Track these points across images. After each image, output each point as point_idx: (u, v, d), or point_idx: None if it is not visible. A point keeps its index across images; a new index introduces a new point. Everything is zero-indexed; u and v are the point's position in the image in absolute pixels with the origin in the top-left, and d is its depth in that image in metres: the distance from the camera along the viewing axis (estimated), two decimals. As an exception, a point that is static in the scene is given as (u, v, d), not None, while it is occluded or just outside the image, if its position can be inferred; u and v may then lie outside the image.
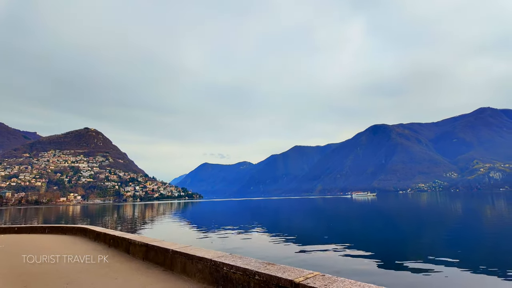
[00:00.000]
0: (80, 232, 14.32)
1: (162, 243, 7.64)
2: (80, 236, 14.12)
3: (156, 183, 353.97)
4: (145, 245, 7.95)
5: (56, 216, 71.61)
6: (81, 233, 14.18)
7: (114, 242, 10.29)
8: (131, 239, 8.94)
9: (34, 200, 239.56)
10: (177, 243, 7.56)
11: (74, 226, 15.30)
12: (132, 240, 8.90)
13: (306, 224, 38.11)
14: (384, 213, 53.00)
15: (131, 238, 9.13)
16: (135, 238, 9.11)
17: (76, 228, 14.89)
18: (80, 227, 14.50)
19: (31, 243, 13.06)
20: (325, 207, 78.35)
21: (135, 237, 9.44)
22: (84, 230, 13.99)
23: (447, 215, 43.91)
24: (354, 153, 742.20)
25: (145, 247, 7.97)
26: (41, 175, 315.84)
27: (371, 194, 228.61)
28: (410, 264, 14.15)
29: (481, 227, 28.71)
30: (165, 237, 27.17)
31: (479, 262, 14.39)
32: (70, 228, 15.59)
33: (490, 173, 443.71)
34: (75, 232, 14.80)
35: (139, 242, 8.38)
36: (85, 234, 13.71)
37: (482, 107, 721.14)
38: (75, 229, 14.92)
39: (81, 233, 14.18)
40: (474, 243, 20.44)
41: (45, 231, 16.74)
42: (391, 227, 31.69)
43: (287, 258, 15.86)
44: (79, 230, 14.46)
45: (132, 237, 9.30)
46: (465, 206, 64.96)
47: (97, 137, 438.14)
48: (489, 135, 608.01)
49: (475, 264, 14.09)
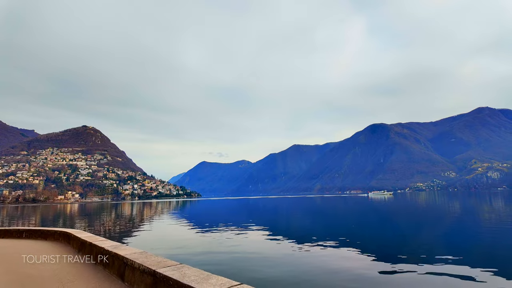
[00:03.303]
0: (63, 238, 12.28)
1: (183, 271, 4.81)
2: (62, 243, 12.05)
3: (154, 181, 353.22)
4: (152, 274, 5.07)
5: (54, 214, 71.21)
6: (64, 239, 12.13)
7: (104, 258, 7.52)
8: (129, 259, 5.95)
9: (31, 198, 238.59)
10: (210, 273, 4.69)
11: (57, 230, 13.29)
12: (129, 260, 5.91)
13: (333, 226, 37.90)
14: (404, 213, 52.81)
15: (129, 257, 6.05)
16: (134, 257, 6.00)
17: (59, 232, 12.84)
18: (63, 231, 12.43)
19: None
20: (345, 207, 74.04)
21: (135, 255, 6.24)
22: (67, 235, 11.84)
23: (464, 215, 43.91)
24: (352, 152, 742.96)
25: (152, 278, 5.07)
26: (38, 173, 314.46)
27: (388, 193, 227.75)
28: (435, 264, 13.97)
29: (481, 226, 28.67)
30: (164, 237, 26.95)
31: (478, 260, 14.31)
32: (51, 233, 13.52)
33: (488, 172, 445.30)
34: (57, 237, 12.84)
35: (141, 266, 5.47)
36: (69, 241, 11.55)
37: (480, 107, 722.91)
38: (58, 234, 12.92)
39: (64, 239, 12.13)
40: (473, 242, 20.35)
41: (22, 236, 14.60)
42: (414, 227, 31.57)
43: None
44: (62, 235, 12.43)
45: (129, 255, 6.24)
46: (470, 205, 65.12)
47: (95, 135, 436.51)
48: (487, 134, 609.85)
49: (473, 261, 14.02)
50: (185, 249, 19.65)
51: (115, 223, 42.65)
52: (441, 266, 13.68)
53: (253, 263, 15.31)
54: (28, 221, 49.32)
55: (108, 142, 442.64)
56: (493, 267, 13.26)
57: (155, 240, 24.21)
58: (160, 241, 23.46)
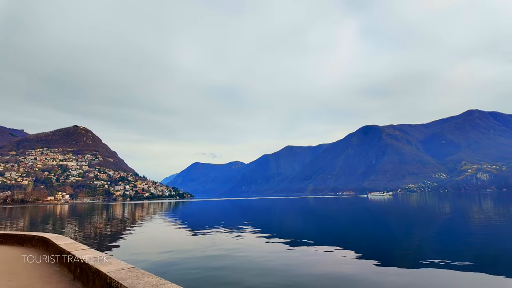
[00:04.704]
0: (42, 244, 11.10)
1: None
2: (40, 250, 10.87)
3: (146, 182, 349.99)
4: None
5: (43, 215, 69.80)
6: (43, 246, 10.97)
7: (83, 274, 6.10)
8: (113, 279, 4.50)
9: (20, 199, 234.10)
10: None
11: (35, 235, 12.05)
12: (114, 281, 4.46)
13: (335, 227, 37.72)
14: (404, 213, 53.09)
15: (114, 276, 4.63)
16: (121, 276, 4.62)
17: (37, 238, 11.68)
18: (41, 237, 11.22)
19: None
20: (345, 208, 73.63)
21: (122, 272, 4.84)
22: (45, 242, 10.64)
23: (456, 216, 44.27)
24: (345, 154, 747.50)
25: None
26: (28, 173, 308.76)
27: (387, 193, 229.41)
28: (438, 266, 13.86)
29: (470, 227, 28.89)
30: (155, 237, 26.44)
31: (465, 259, 14.31)
32: (29, 238, 12.33)
33: (478, 174, 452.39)
34: (35, 243, 11.73)
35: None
36: (47, 248, 10.31)
37: (471, 110, 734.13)
38: (36, 240, 11.76)
39: (43, 246, 10.97)
40: (463, 242, 20.42)
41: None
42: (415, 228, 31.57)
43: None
44: (41, 241, 11.27)
45: (115, 272, 4.84)
46: (460, 206, 65.90)
47: (86, 135, 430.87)
48: (477, 137, 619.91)
49: (460, 260, 14.00)
50: (176, 252, 19.23)
51: (106, 225, 41.87)
52: (434, 265, 13.64)
53: (247, 267, 15.02)
54: (16, 223, 48.13)
55: (100, 142, 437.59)
56: (483, 266, 13.29)
57: (146, 243, 23.72)
58: (151, 244, 22.98)
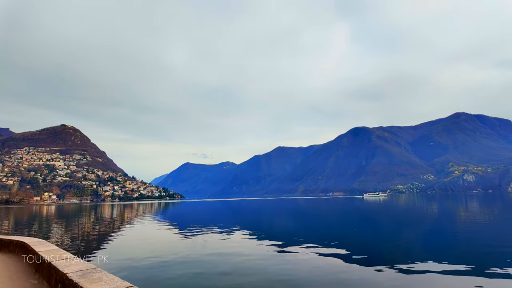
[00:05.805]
0: (20, 250, 10.00)
1: None
2: (18, 257, 9.77)
3: (136, 182, 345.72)
4: None
5: (28, 216, 68.14)
6: (22, 252, 9.83)
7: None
8: None
9: (4, 200, 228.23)
10: None
11: (13, 239, 10.96)
12: None
13: (341, 231, 37.71)
14: (403, 213, 53.65)
15: None
16: None
17: (15, 242, 10.59)
18: (20, 242, 10.12)
19: None
20: (344, 209, 72.92)
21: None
22: (24, 247, 9.52)
23: (443, 216, 44.94)
24: (335, 155, 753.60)
25: None
26: (13, 173, 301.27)
27: (382, 194, 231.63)
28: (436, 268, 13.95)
29: (457, 226, 29.42)
30: (145, 239, 26.05)
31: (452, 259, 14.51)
32: (6, 243, 11.19)
33: (464, 175, 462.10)
34: (13, 249, 10.70)
35: None
36: (27, 254, 9.14)
37: (458, 112, 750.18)
38: (14, 245, 10.70)
39: (22, 252, 9.83)
40: (451, 240, 20.74)
41: None
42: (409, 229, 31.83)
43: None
44: (19, 247, 10.19)
45: None
46: (448, 207, 67.25)
47: (74, 134, 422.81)
48: (464, 139, 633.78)
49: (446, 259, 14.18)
50: (165, 255, 19.00)
51: (94, 226, 41.10)
52: (423, 264, 13.76)
53: (237, 267, 14.90)
54: (0, 224, 46.81)
55: (88, 142, 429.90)
56: (470, 264, 13.48)
57: (135, 246, 23.38)
58: (141, 247, 22.67)
